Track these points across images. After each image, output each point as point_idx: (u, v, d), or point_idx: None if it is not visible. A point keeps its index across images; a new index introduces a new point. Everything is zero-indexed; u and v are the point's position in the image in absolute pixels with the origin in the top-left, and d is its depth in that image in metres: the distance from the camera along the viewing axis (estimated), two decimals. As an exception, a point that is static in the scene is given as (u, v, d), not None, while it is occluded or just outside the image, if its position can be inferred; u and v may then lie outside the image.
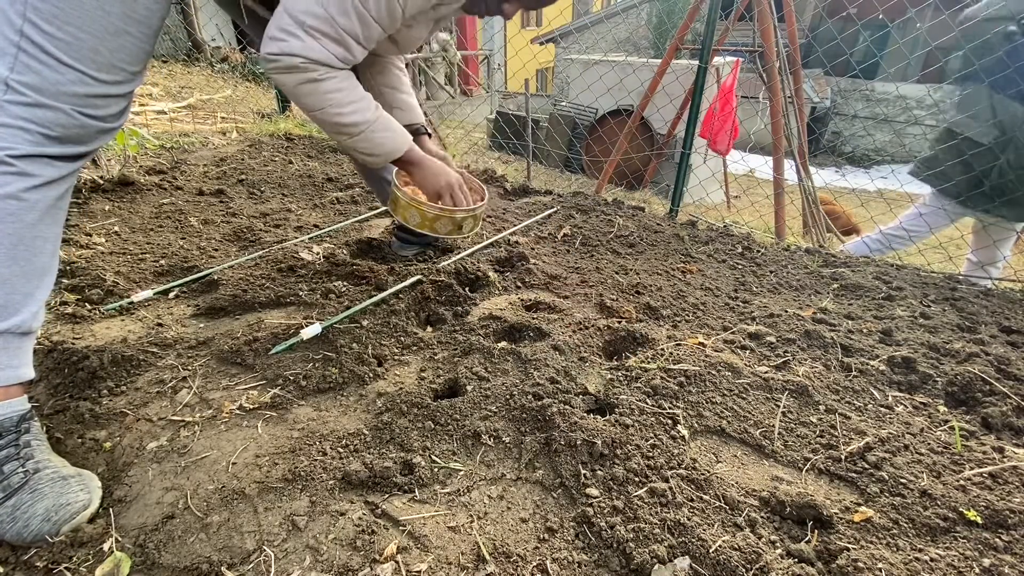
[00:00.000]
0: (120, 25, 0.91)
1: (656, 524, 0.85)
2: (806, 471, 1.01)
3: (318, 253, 1.77)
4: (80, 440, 1.00)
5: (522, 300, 1.59)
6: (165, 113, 4.04)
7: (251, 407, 1.10)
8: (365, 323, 1.38)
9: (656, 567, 0.78)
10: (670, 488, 0.91)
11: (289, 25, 1.08)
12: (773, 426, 1.11)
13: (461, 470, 0.99)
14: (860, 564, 0.79)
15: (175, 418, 1.07)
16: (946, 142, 2.41)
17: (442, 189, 1.47)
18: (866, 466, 1.00)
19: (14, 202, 0.86)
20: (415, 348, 1.33)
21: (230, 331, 1.33)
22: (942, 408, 1.20)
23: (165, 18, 1.00)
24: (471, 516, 0.90)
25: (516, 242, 1.99)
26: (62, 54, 0.86)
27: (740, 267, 1.97)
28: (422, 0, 1.16)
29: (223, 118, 4.12)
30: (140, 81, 1.00)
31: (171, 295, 1.51)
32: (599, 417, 1.08)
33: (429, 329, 1.45)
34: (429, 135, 1.70)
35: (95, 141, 0.96)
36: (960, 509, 0.90)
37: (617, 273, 1.81)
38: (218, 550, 0.82)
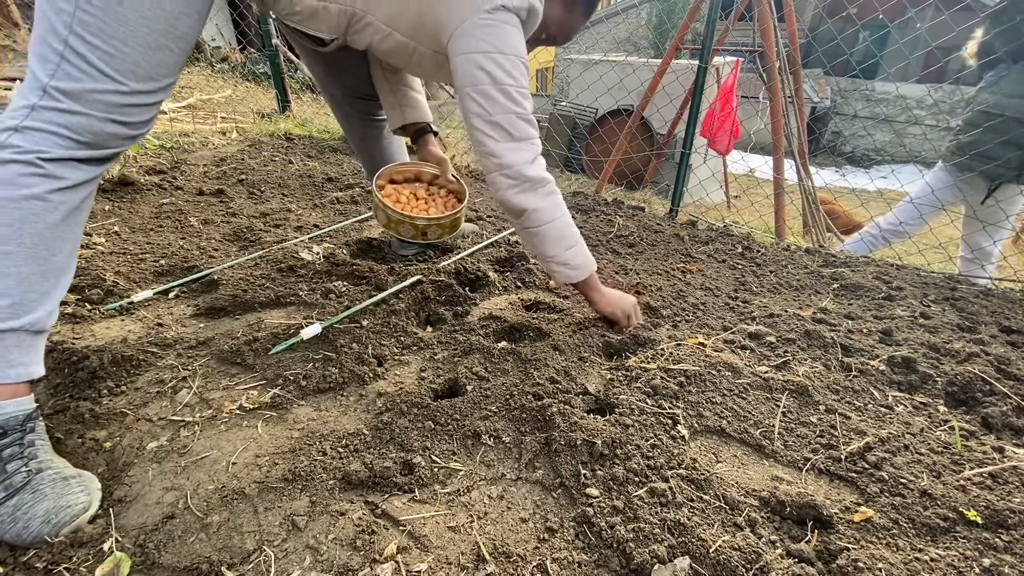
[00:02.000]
0: (162, 41, 0.93)
1: (656, 524, 0.85)
2: (806, 471, 1.01)
3: (318, 253, 1.76)
4: (80, 440, 1.00)
5: (522, 300, 1.59)
6: (165, 113, 4.04)
7: (251, 407, 1.10)
8: (365, 323, 1.38)
9: (656, 567, 0.78)
10: (670, 488, 0.91)
11: (504, 154, 1.19)
12: (773, 426, 1.11)
13: (461, 470, 0.99)
14: (860, 564, 0.79)
15: (175, 418, 1.07)
16: (983, 124, 2.41)
17: (617, 314, 1.41)
18: (866, 466, 1.00)
19: (39, 203, 0.87)
20: (415, 348, 1.33)
21: (230, 331, 1.33)
22: (942, 408, 1.20)
23: (200, 33, 1.03)
24: (471, 516, 0.90)
25: (516, 242, 1.99)
26: (104, 65, 0.88)
27: (740, 267, 1.97)
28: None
29: (223, 118, 4.12)
30: (171, 90, 1.03)
31: (171, 295, 1.51)
32: (599, 417, 1.08)
33: (429, 329, 1.45)
34: (436, 134, 1.71)
35: (122, 146, 0.98)
36: (960, 509, 0.90)
37: (617, 273, 1.81)
38: (218, 550, 0.82)
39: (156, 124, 3.52)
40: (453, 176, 1.78)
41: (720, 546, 0.82)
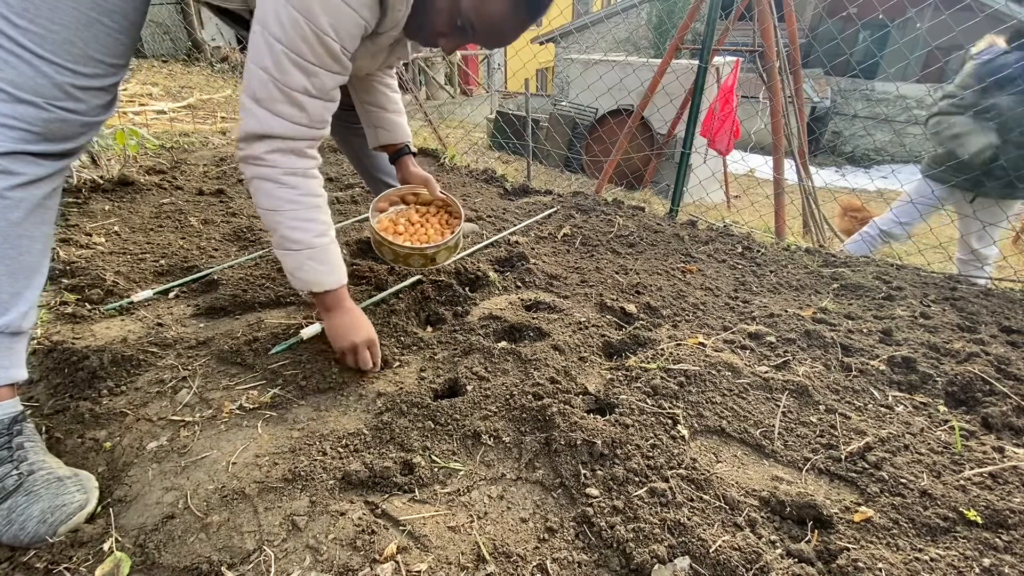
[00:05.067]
0: (92, 15, 0.89)
1: (656, 524, 0.85)
2: (806, 471, 1.01)
3: (318, 253, 1.76)
4: (80, 440, 1.00)
5: (522, 300, 1.59)
6: (165, 113, 4.05)
7: (251, 407, 1.10)
8: (365, 323, 1.37)
9: (656, 567, 0.78)
10: (670, 488, 0.91)
11: (244, 103, 1.01)
12: (773, 426, 1.11)
13: (461, 470, 0.99)
14: (860, 564, 0.79)
15: (175, 418, 1.07)
16: (950, 160, 2.61)
17: (345, 349, 1.18)
18: (866, 466, 1.00)
19: None
20: (415, 348, 1.33)
21: (230, 331, 1.33)
22: (942, 408, 1.20)
23: (144, 10, 0.99)
24: (471, 516, 0.90)
25: (516, 242, 1.99)
26: (36, 47, 0.85)
27: (740, 267, 1.97)
28: (354, 29, 1.02)
29: (223, 118, 4.12)
30: (123, 75, 0.99)
31: (171, 295, 1.51)
32: (599, 417, 1.08)
33: (429, 329, 1.45)
34: (414, 154, 1.66)
35: (80, 137, 0.95)
36: (960, 509, 0.90)
37: (617, 273, 1.81)
38: (218, 550, 0.82)
39: (156, 124, 3.52)
40: (441, 193, 1.70)
41: (720, 546, 0.82)
